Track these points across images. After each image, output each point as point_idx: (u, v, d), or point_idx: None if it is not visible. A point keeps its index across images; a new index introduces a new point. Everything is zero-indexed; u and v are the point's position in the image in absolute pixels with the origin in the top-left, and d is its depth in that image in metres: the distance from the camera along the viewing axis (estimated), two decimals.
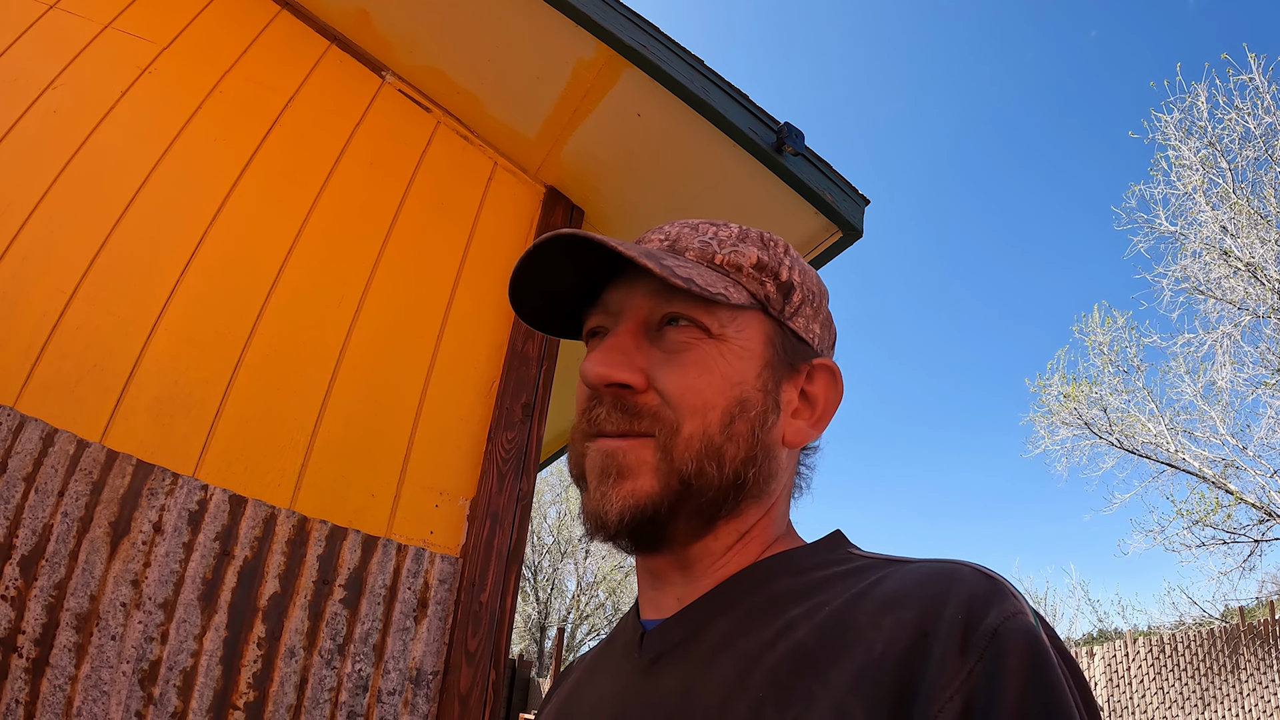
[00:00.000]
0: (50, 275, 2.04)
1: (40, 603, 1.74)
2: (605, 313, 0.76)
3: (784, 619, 0.62)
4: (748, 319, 0.73)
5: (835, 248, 2.96)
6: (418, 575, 2.22)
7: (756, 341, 0.73)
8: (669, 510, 0.67)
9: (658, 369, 0.70)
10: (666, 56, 2.52)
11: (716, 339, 0.71)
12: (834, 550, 0.72)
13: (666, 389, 0.69)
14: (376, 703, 2.05)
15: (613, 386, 0.69)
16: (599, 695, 0.73)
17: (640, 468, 0.67)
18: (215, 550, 1.98)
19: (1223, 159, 13.74)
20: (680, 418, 0.68)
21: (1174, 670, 11.78)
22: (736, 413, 0.69)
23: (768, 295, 0.74)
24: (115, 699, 1.76)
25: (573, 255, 0.74)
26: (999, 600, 0.55)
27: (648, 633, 0.72)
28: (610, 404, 0.69)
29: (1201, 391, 14.70)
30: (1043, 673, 0.51)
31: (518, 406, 2.60)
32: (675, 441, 0.67)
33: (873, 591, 0.60)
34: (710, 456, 0.68)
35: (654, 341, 0.72)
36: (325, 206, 2.55)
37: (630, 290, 0.74)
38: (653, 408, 0.68)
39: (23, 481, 1.81)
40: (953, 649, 0.52)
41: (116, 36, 2.43)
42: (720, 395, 0.69)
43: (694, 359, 0.70)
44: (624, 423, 0.69)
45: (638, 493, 0.67)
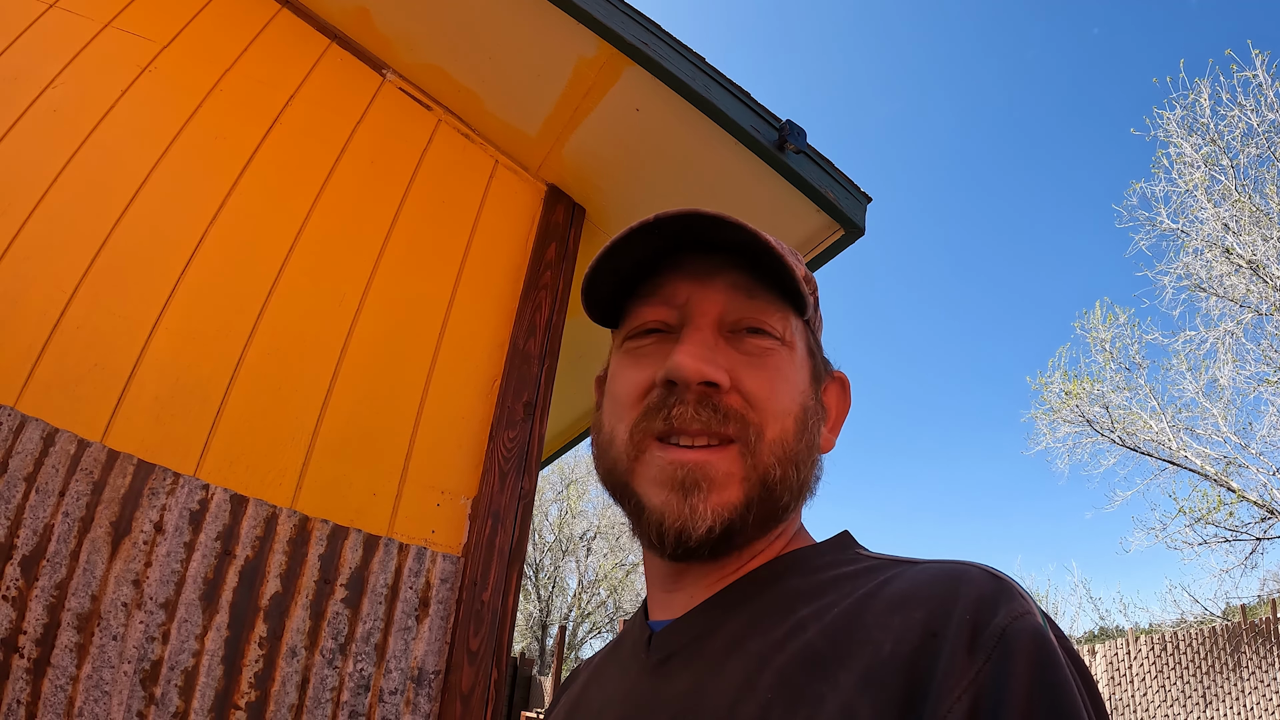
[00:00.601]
0: (51, 274, 2.04)
1: (41, 603, 1.74)
2: (667, 304, 0.74)
3: (793, 619, 0.62)
4: (799, 328, 0.75)
5: (837, 245, 2.95)
6: (419, 574, 2.22)
7: (804, 351, 0.75)
8: (751, 518, 0.67)
9: (741, 371, 0.69)
10: (668, 54, 2.52)
11: (788, 346, 0.72)
12: (843, 550, 0.72)
13: (753, 392, 0.68)
14: (378, 702, 2.05)
15: (704, 385, 0.68)
16: (607, 696, 0.73)
17: (729, 480, 0.67)
18: (216, 550, 1.97)
19: (1225, 156, 13.74)
20: (764, 422, 0.68)
21: (1175, 668, 11.79)
22: (805, 419, 0.71)
23: (811, 305, 0.75)
24: (117, 699, 1.75)
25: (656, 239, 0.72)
26: (1007, 601, 0.55)
27: (656, 634, 0.71)
28: (697, 402, 0.67)
29: (1203, 389, 14.72)
30: (1051, 673, 0.51)
31: (519, 405, 2.59)
32: (761, 446, 0.67)
33: (881, 592, 0.60)
34: (790, 461, 0.68)
35: (730, 341, 0.71)
36: (326, 205, 2.55)
37: (706, 284, 0.72)
38: (738, 410, 0.68)
39: (24, 481, 1.81)
40: (960, 649, 0.52)
41: (117, 35, 2.42)
42: (793, 402, 0.70)
43: (774, 364, 0.70)
44: (714, 423, 0.67)
45: (728, 504, 0.66)
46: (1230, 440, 14.15)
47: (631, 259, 0.74)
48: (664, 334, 0.74)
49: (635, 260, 0.74)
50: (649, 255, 0.74)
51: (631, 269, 0.75)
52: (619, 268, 0.74)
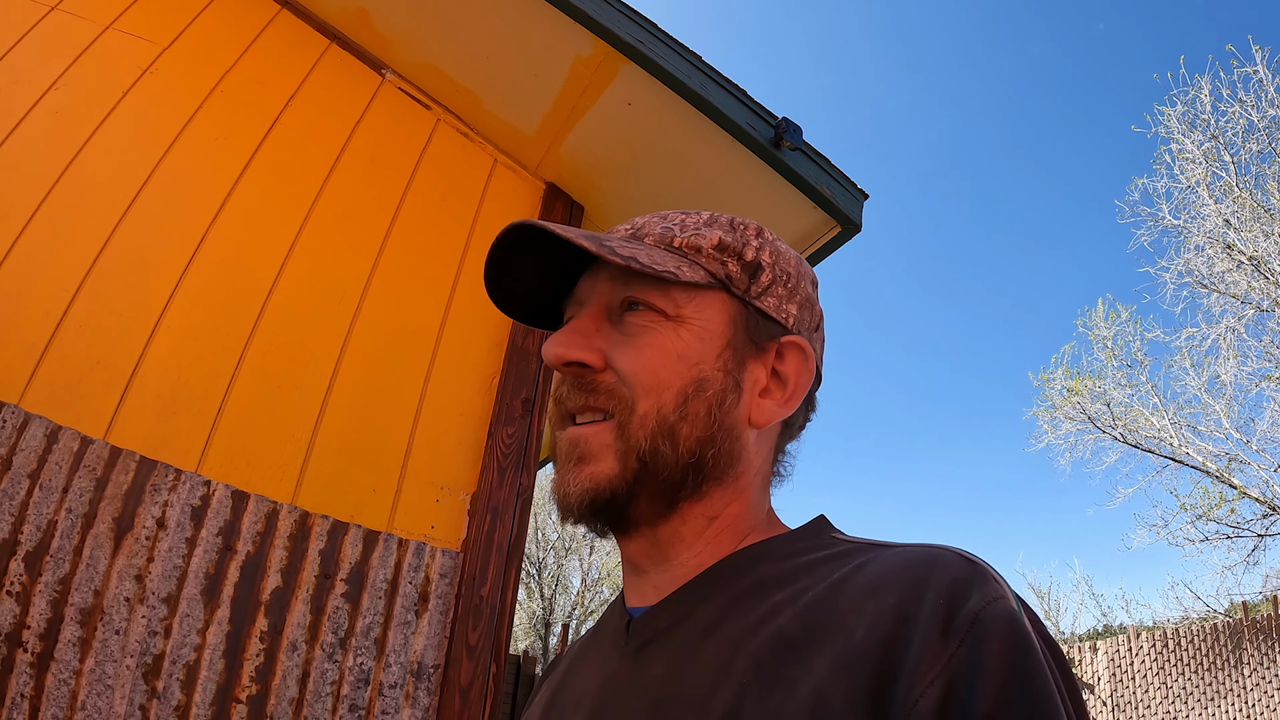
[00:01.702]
0: (53, 274, 2.06)
1: (45, 598, 1.76)
2: (575, 302, 0.78)
3: (767, 604, 0.63)
4: (708, 299, 0.73)
5: (834, 242, 2.96)
6: (419, 570, 2.24)
7: (717, 322, 0.73)
8: (627, 491, 0.69)
9: (615, 349, 0.71)
10: (664, 52, 2.53)
11: (674, 320, 0.72)
12: (818, 535, 0.72)
13: (621, 368, 0.70)
14: (378, 696, 2.07)
15: (571, 366, 0.71)
16: (587, 682, 0.73)
17: (602, 451, 0.69)
18: (218, 545, 1.99)
19: (1226, 152, 13.71)
20: (635, 396, 0.69)
21: (1178, 665, 11.78)
22: (692, 392, 0.70)
23: (729, 275, 0.74)
24: (119, 693, 1.77)
25: (544, 247, 0.77)
26: (980, 585, 0.55)
27: (634, 620, 0.72)
28: (572, 383, 0.72)
29: (1205, 385, 14.69)
30: (1025, 657, 0.51)
31: (518, 402, 2.61)
32: (631, 420, 0.68)
33: (855, 577, 0.60)
34: (664, 435, 0.68)
35: (615, 325, 0.73)
36: (326, 204, 2.57)
37: (594, 278, 0.76)
38: (609, 385, 0.70)
39: (27, 478, 1.83)
40: (934, 633, 0.52)
41: (117, 37, 2.44)
42: (675, 375, 0.70)
43: (649, 340, 0.71)
44: (583, 398, 0.71)
45: (596, 475, 0.69)
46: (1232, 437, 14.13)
47: (533, 272, 0.80)
48: None
49: (542, 269, 0.79)
50: (552, 265, 0.79)
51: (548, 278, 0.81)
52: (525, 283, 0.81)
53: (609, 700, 0.68)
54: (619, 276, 0.74)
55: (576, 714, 0.71)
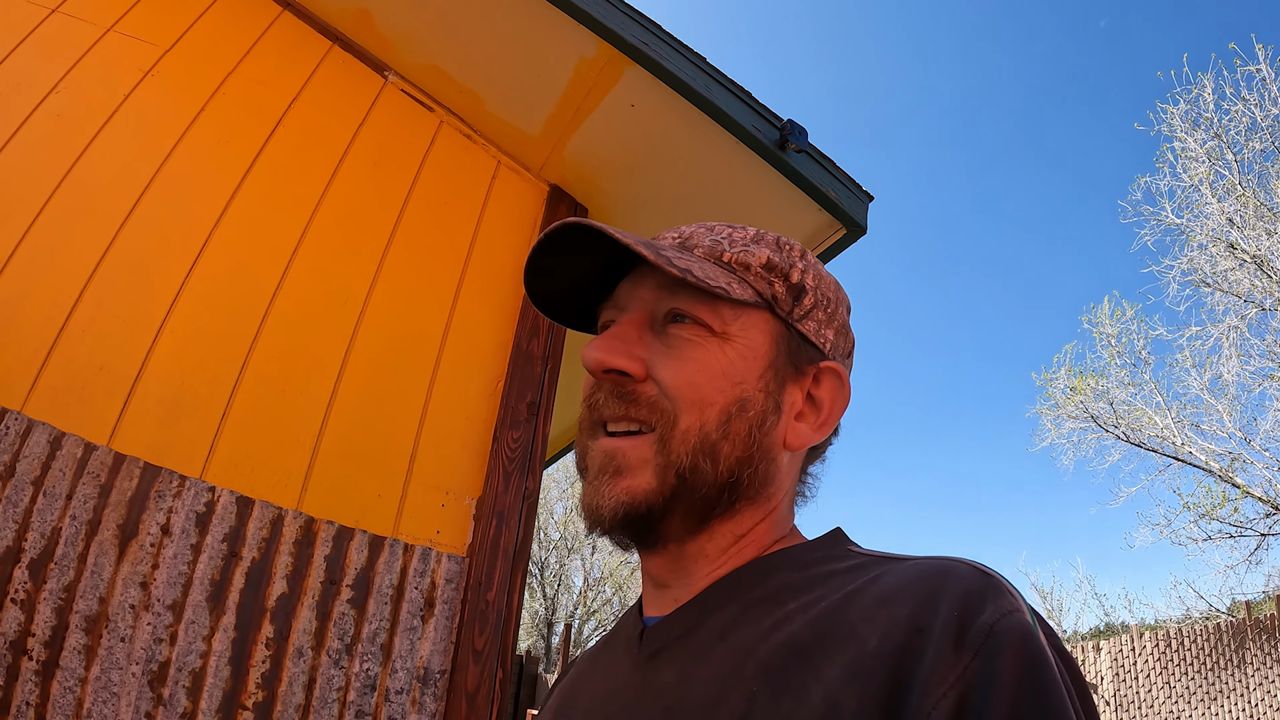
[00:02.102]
0: (55, 279, 2.05)
1: (49, 605, 1.75)
2: (615, 306, 0.76)
3: (780, 612, 0.63)
4: (753, 318, 0.73)
5: (839, 244, 2.96)
6: (424, 575, 2.23)
7: (761, 342, 0.73)
8: (663, 506, 0.68)
9: (658, 360, 0.70)
10: (668, 54, 2.52)
11: (720, 337, 0.71)
12: (833, 547, 0.72)
13: (665, 381, 0.69)
14: (384, 702, 2.06)
15: (611, 373, 0.70)
16: (599, 689, 0.73)
17: (640, 465, 0.68)
18: (223, 552, 1.98)
19: (1229, 151, 13.71)
20: (678, 411, 0.68)
21: (1180, 664, 11.78)
22: (735, 411, 0.69)
23: (775, 295, 0.73)
24: (125, 700, 1.76)
25: (588, 248, 0.74)
26: (995, 597, 0.54)
27: (648, 628, 0.72)
28: (610, 391, 0.70)
29: (1208, 385, 14.69)
30: (1039, 671, 0.51)
31: (523, 405, 2.60)
32: (672, 435, 0.68)
33: (869, 588, 0.60)
34: (705, 453, 0.68)
35: (658, 335, 0.72)
36: (329, 207, 2.56)
37: (638, 284, 0.74)
38: (651, 397, 0.69)
39: (31, 485, 1.82)
40: (948, 645, 0.52)
41: (119, 40, 2.43)
42: (719, 393, 0.69)
43: (694, 354, 0.70)
44: (621, 408, 0.69)
45: (633, 489, 0.67)
46: (1235, 436, 14.12)
47: (575, 274, 0.78)
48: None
49: (583, 272, 0.78)
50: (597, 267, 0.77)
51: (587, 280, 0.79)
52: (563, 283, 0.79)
53: (620, 707, 0.68)
54: (665, 286, 0.72)
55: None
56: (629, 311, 0.74)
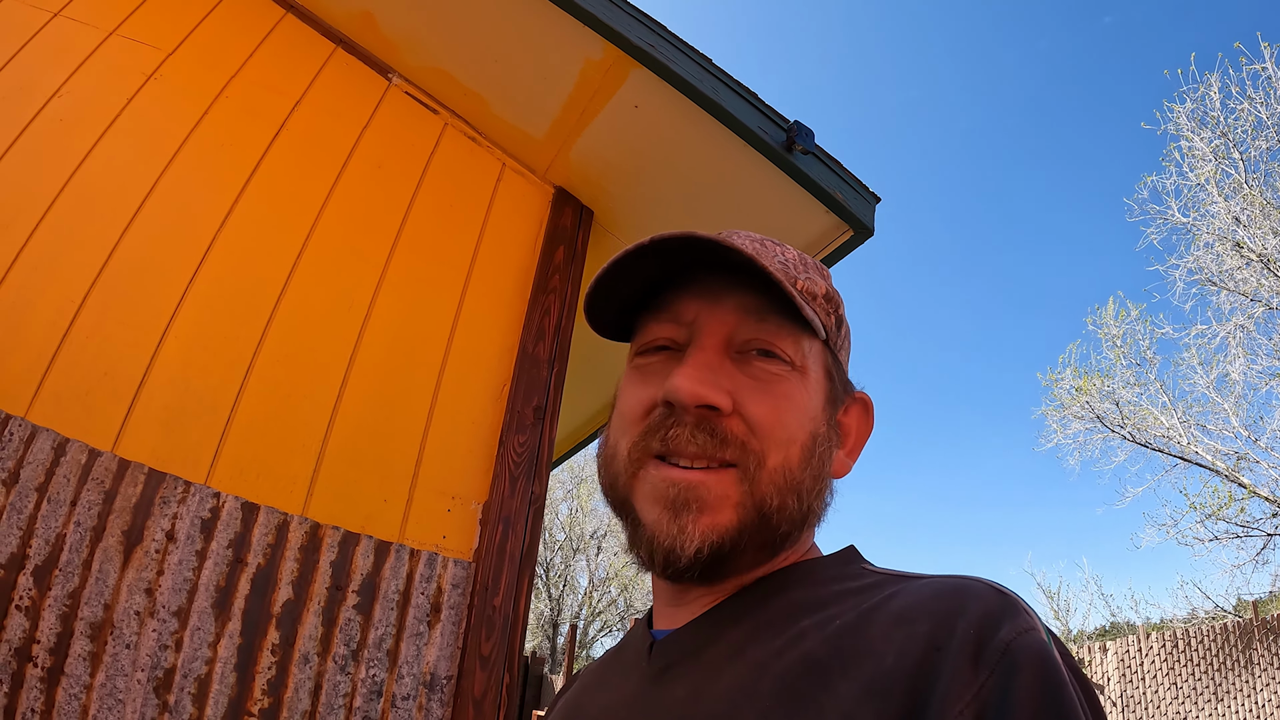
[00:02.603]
0: (59, 284, 2.04)
1: (54, 612, 1.74)
2: (676, 322, 0.72)
3: (795, 629, 0.62)
4: (817, 351, 0.73)
5: (846, 246, 2.94)
6: (431, 580, 2.22)
7: (821, 374, 0.73)
8: (744, 545, 0.66)
9: (746, 395, 0.68)
10: (675, 56, 2.51)
11: (799, 371, 0.70)
12: (847, 565, 0.71)
13: (757, 419, 0.67)
14: (391, 708, 2.05)
15: (702, 408, 0.66)
16: (606, 703, 0.72)
17: (722, 502, 0.65)
18: (228, 558, 1.97)
19: (1235, 150, 13.67)
20: (766, 449, 0.66)
21: (1187, 665, 11.74)
22: (813, 447, 0.69)
23: (830, 327, 0.73)
24: (130, 707, 1.76)
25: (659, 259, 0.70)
26: (1012, 616, 0.54)
27: (657, 642, 0.71)
28: (694, 425, 0.66)
29: (1214, 384, 14.66)
30: (1055, 690, 0.50)
31: (529, 409, 2.59)
32: (761, 474, 0.66)
33: (885, 606, 0.60)
34: (791, 490, 0.67)
35: (737, 364, 0.70)
36: (333, 210, 2.55)
37: (715, 304, 0.71)
38: (739, 436, 0.66)
39: (35, 492, 1.81)
40: (965, 663, 0.52)
41: (121, 43, 2.42)
42: (801, 429, 0.69)
43: (784, 391, 0.69)
44: (710, 447, 0.66)
45: (719, 527, 0.65)
46: (1241, 435, 14.08)
47: (637, 280, 0.73)
48: (672, 351, 0.72)
49: (641, 279, 0.73)
50: (655, 272, 0.72)
51: (640, 286, 0.74)
52: (623, 290, 0.73)
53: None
54: (752, 311, 0.70)
55: None
56: (707, 335, 0.70)
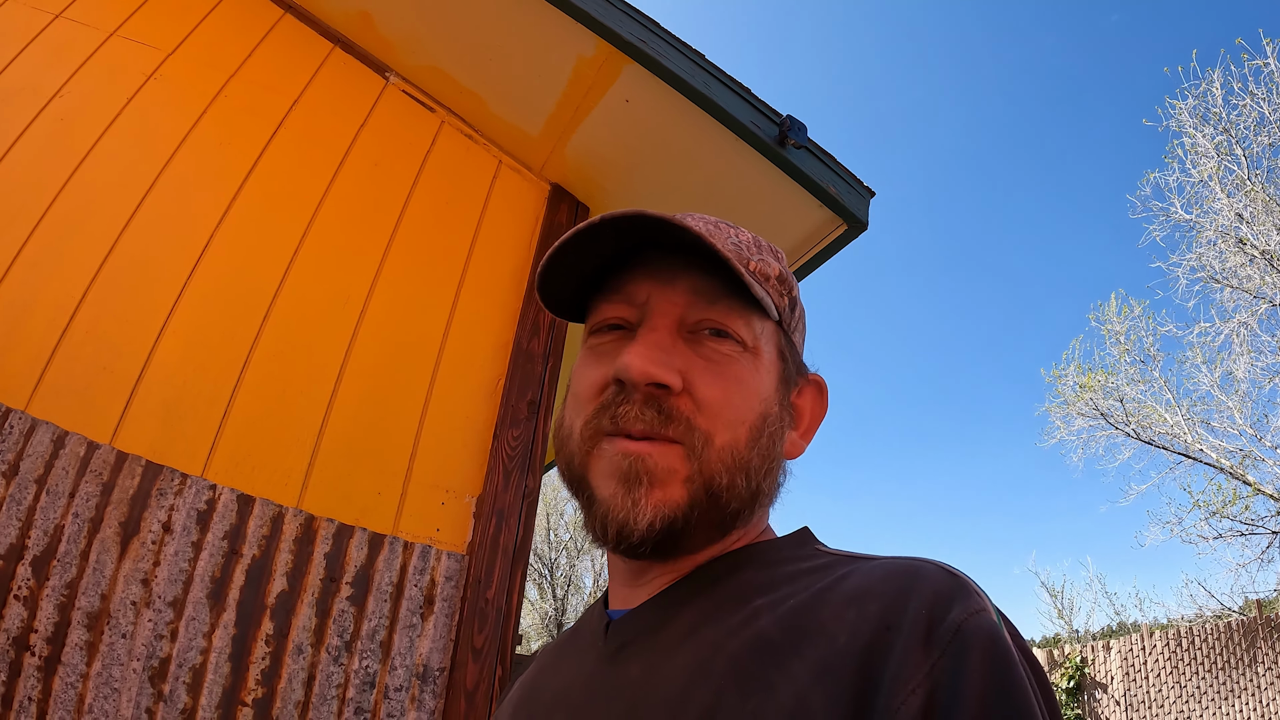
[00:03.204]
0: (59, 280, 2.07)
1: (52, 602, 1.77)
2: (629, 303, 0.73)
3: (748, 609, 0.63)
4: (770, 332, 0.74)
5: (840, 241, 2.95)
6: (424, 572, 2.24)
7: (774, 355, 0.74)
8: (694, 522, 0.67)
9: (697, 375, 0.68)
10: (667, 51, 2.52)
11: (751, 352, 0.71)
12: (801, 546, 0.72)
13: (705, 398, 0.67)
14: (383, 699, 2.07)
15: (651, 385, 0.67)
16: (563, 683, 0.73)
17: (671, 476, 0.66)
18: (224, 549, 2.00)
19: (1238, 146, 13.63)
20: (714, 429, 0.67)
21: (1191, 664, 11.72)
22: (762, 427, 0.70)
23: (783, 309, 0.74)
24: (126, 696, 1.78)
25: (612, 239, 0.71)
26: (963, 597, 0.55)
27: (613, 622, 0.72)
28: (643, 402, 0.67)
29: (1219, 381, 14.59)
30: (1006, 670, 0.51)
31: (523, 404, 2.61)
32: (709, 453, 0.66)
33: (837, 586, 0.60)
34: (740, 469, 0.68)
35: (689, 344, 0.70)
36: (331, 208, 2.57)
37: (668, 285, 0.72)
38: (686, 414, 0.67)
39: (34, 483, 1.84)
40: (916, 643, 0.52)
41: (121, 44, 2.45)
42: (751, 410, 0.69)
43: (734, 372, 0.69)
44: (657, 424, 0.66)
45: (670, 502, 0.65)
46: (1245, 433, 14.03)
47: (591, 259, 0.73)
48: (625, 331, 0.73)
49: (596, 259, 0.73)
50: (609, 253, 0.73)
51: (594, 267, 0.75)
52: (577, 267, 0.74)
53: (585, 701, 0.67)
54: (703, 292, 0.71)
55: (552, 714, 0.70)
56: (658, 315, 0.71)
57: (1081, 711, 12.78)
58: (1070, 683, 12.95)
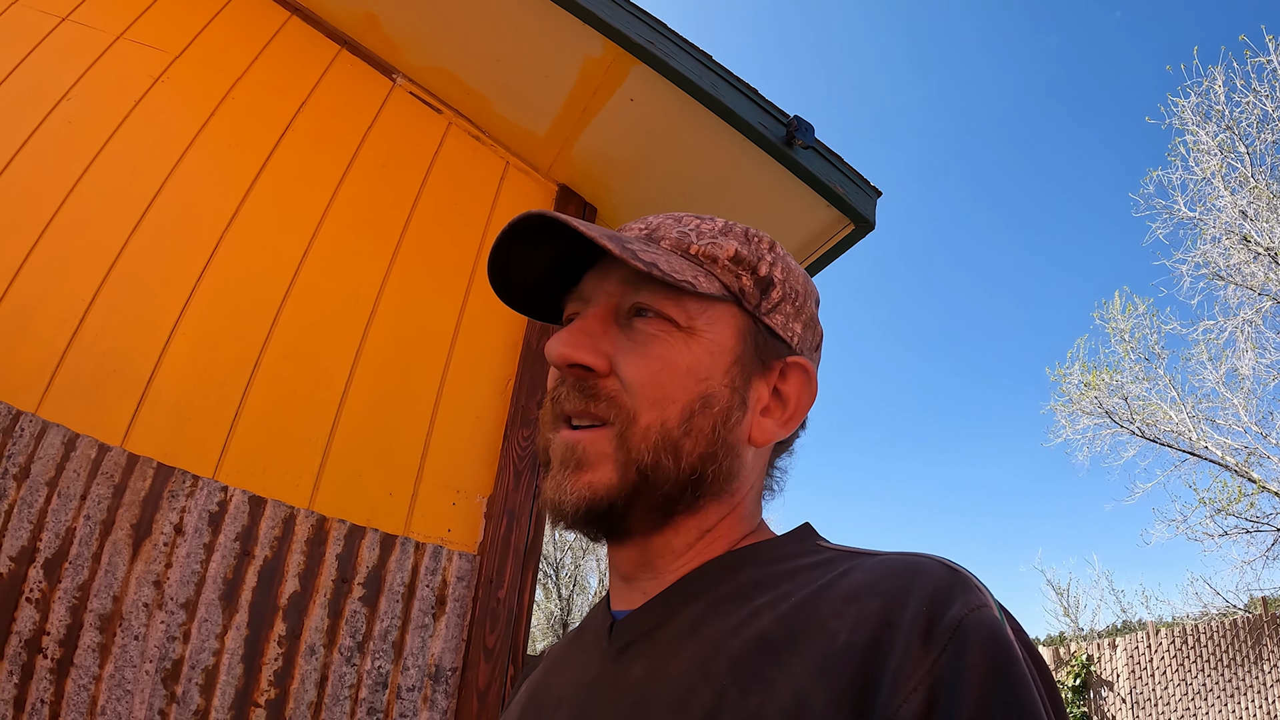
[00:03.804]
0: (68, 283, 2.07)
1: (64, 604, 1.77)
2: (580, 299, 0.76)
3: (749, 607, 0.63)
4: (720, 312, 0.72)
5: (847, 240, 2.95)
6: (436, 573, 2.24)
7: (727, 336, 0.72)
8: (625, 502, 0.68)
9: (621, 355, 0.70)
10: (674, 52, 2.52)
11: (685, 331, 0.70)
12: (802, 542, 0.72)
13: (627, 377, 0.69)
14: (396, 699, 2.07)
15: (575, 367, 0.69)
16: (567, 684, 0.73)
17: (600, 460, 0.68)
18: (235, 550, 2.00)
19: (1241, 143, 13.60)
20: (638, 407, 0.68)
21: (1197, 661, 11.70)
22: (698, 408, 0.69)
23: (743, 289, 0.73)
24: (139, 697, 1.78)
25: (554, 240, 0.74)
26: (963, 593, 0.55)
27: (617, 622, 0.72)
28: (571, 384, 0.70)
29: (1224, 378, 14.57)
30: (1007, 666, 0.51)
31: (533, 404, 2.61)
32: (632, 431, 0.67)
33: (838, 583, 0.60)
34: (667, 450, 0.67)
35: (623, 329, 0.72)
36: (339, 209, 2.57)
37: (604, 277, 0.74)
38: (611, 393, 0.68)
39: (45, 486, 1.84)
40: (916, 640, 0.52)
41: (129, 46, 2.45)
42: (682, 390, 0.69)
43: (658, 351, 0.69)
44: (581, 403, 0.69)
45: (594, 484, 0.67)
46: (1251, 430, 14.01)
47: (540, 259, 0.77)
48: None
49: (547, 260, 0.77)
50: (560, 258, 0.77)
51: (550, 272, 0.78)
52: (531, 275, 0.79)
53: (589, 702, 0.67)
54: (630, 279, 0.72)
55: (556, 715, 0.70)
56: (593, 304, 0.74)
57: (1088, 709, 12.76)
58: (1076, 681, 12.93)
